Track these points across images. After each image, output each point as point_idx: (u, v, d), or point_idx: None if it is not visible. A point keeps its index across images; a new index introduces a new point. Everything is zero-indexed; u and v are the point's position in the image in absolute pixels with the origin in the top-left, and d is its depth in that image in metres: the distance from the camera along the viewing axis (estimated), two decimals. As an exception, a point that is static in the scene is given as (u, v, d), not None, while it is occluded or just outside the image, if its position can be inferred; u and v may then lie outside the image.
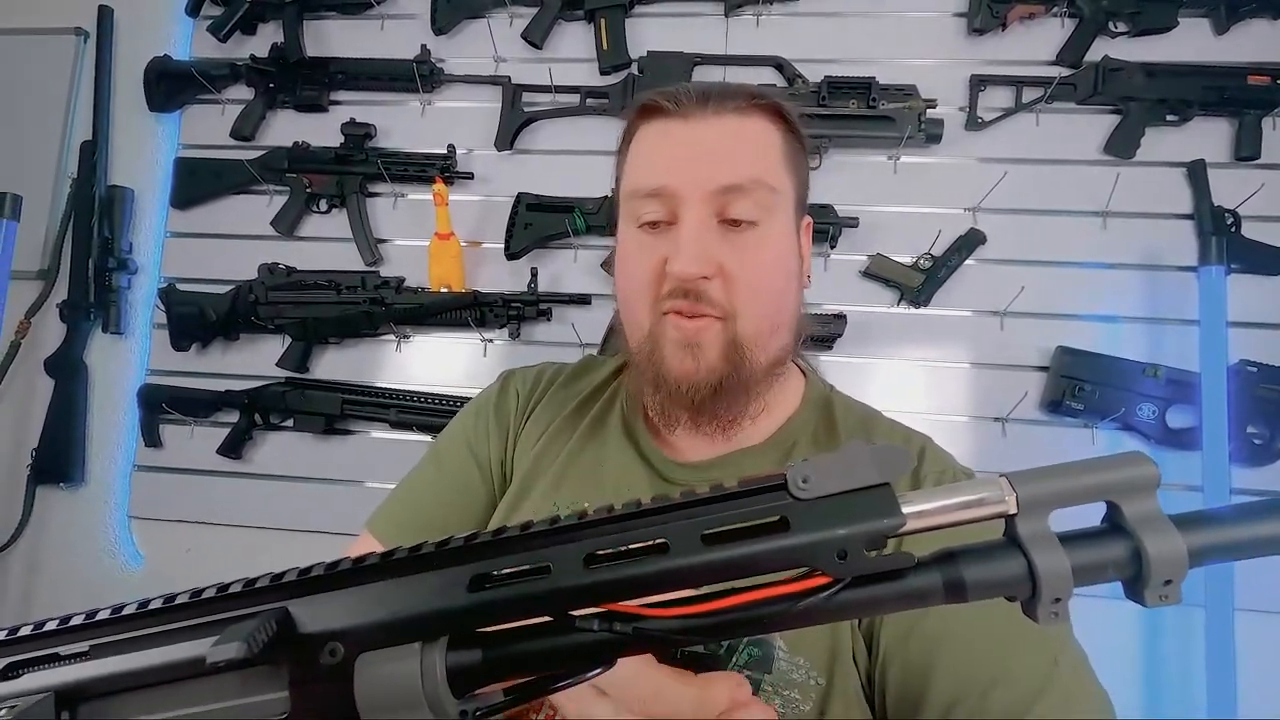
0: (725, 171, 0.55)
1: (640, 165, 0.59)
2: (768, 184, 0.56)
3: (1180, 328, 1.20)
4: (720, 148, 0.56)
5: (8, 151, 1.50)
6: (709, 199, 0.55)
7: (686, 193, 0.55)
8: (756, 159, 0.57)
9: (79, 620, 0.26)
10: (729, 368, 0.55)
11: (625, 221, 0.60)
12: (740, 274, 0.54)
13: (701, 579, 0.24)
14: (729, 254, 0.54)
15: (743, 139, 0.57)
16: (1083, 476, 0.24)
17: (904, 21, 1.33)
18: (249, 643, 0.21)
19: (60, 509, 1.44)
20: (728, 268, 0.54)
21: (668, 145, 0.57)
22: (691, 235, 0.54)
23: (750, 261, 0.55)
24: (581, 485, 0.62)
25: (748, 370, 0.56)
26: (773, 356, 0.58)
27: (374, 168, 1.36)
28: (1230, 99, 1.21)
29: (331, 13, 1.45)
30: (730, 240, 0.55)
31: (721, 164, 0.55)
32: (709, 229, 0.55)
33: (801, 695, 0.49)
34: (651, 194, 0.56)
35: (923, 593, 0.24)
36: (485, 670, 0.24)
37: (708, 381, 0.55)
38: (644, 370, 0.58)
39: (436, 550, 0.25)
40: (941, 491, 0.24)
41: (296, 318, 1.35)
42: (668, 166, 0.56)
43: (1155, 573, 0.23)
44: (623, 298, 0.61)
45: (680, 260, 0.53)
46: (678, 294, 0.55)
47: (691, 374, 0.55)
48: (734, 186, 0.54)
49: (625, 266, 0.60)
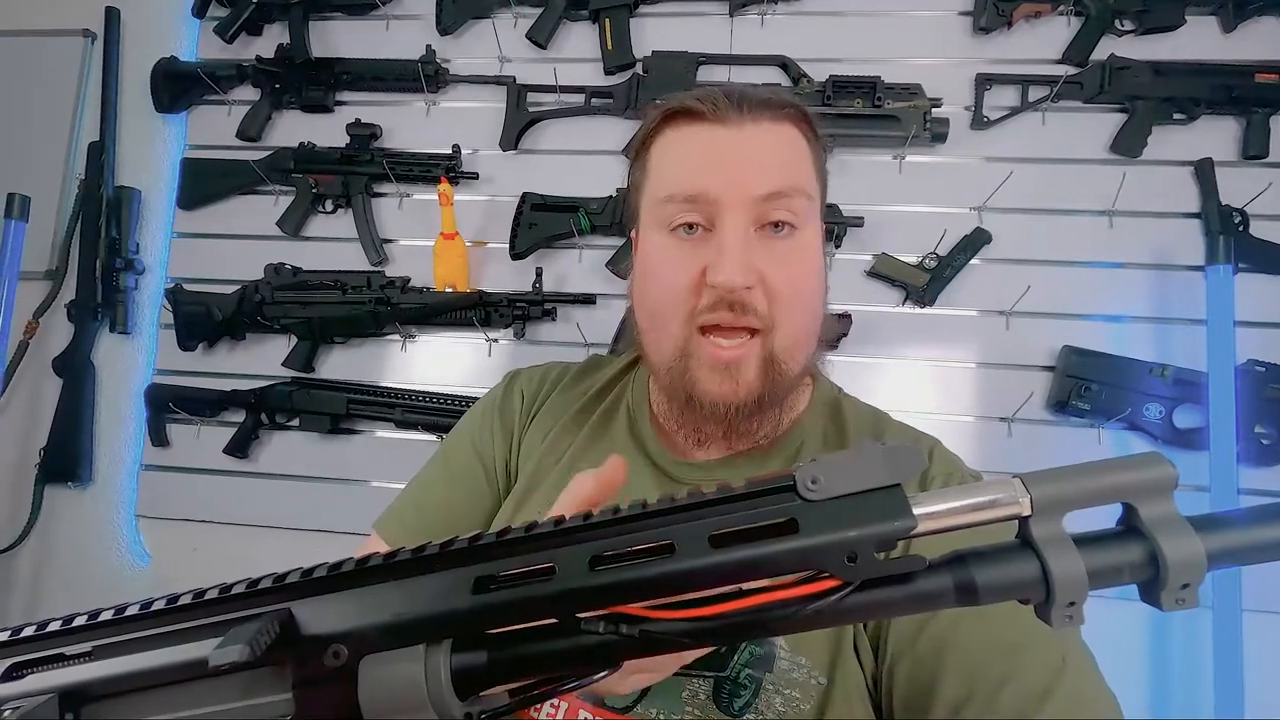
0: (768, 178, 0.54)
1: (675, 169, 0.57)
2: (806, 191, 0.55)
3: (1187, 327, 1.20)
4: (761, 154, 0.55)
5: (16, 152, 1.51)
6: (750, 205, 0.53)
7: (728, 199, 0.53)
8: (795, 166, 0.56)
9: (82, 621, 0.26)
10: (766, 385, 0.54)
11: (653, 227, 0.57)
12: (780, 284, 0.53)
13: (708, 581, 0.23)
14: (769, 263, 0.53)
15: (781, 146, 0.56)
16: (1098, 477, 0.23)
17: (909, 20, 1.32)
18: (252, 645, 0.21)
19: (68, 508, 1.45)
20: (768, 277, 0.53)
21: (706, 149, 0.56)
22: (736, 244, 0.52)
23: (789, 271, 0.54)
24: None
25: (783, 384, 0.55)
26: (802, 366, 0.57)
27: (379, 168, 1.36)
28: (1238, 97, 1.20)
29: (337, 13, 1.45)
30: (769, 249, 0.54)
31: (764, 170, 0.54)
32: (750, 238, 0.53)
33: (802, 695, 0.49)
34: (689, 199, 0.54)
35: (934, 596, 0.23)
36: (490, 672, 0.24)
37: (746, 402, 0.54)
38: (674, 389, 0.56)
39: (440, 551, 0.25)
40: (954, 493, 0.23)
41: (302, 317, 1.35)
42: (708, 171, 0.55)
43: (1173, 576, 0.22)
44: (650, 308, 0.58)
45: (725, 270, 0.51)
46: (720, 306, 0.53)
47: (730, 395, 0.54)
48: (776, 193, 0.53)
49: (657, 274, 0.57)
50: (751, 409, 0.54)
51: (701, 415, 0.55)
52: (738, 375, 0.53)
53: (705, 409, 0.55)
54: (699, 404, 0.55)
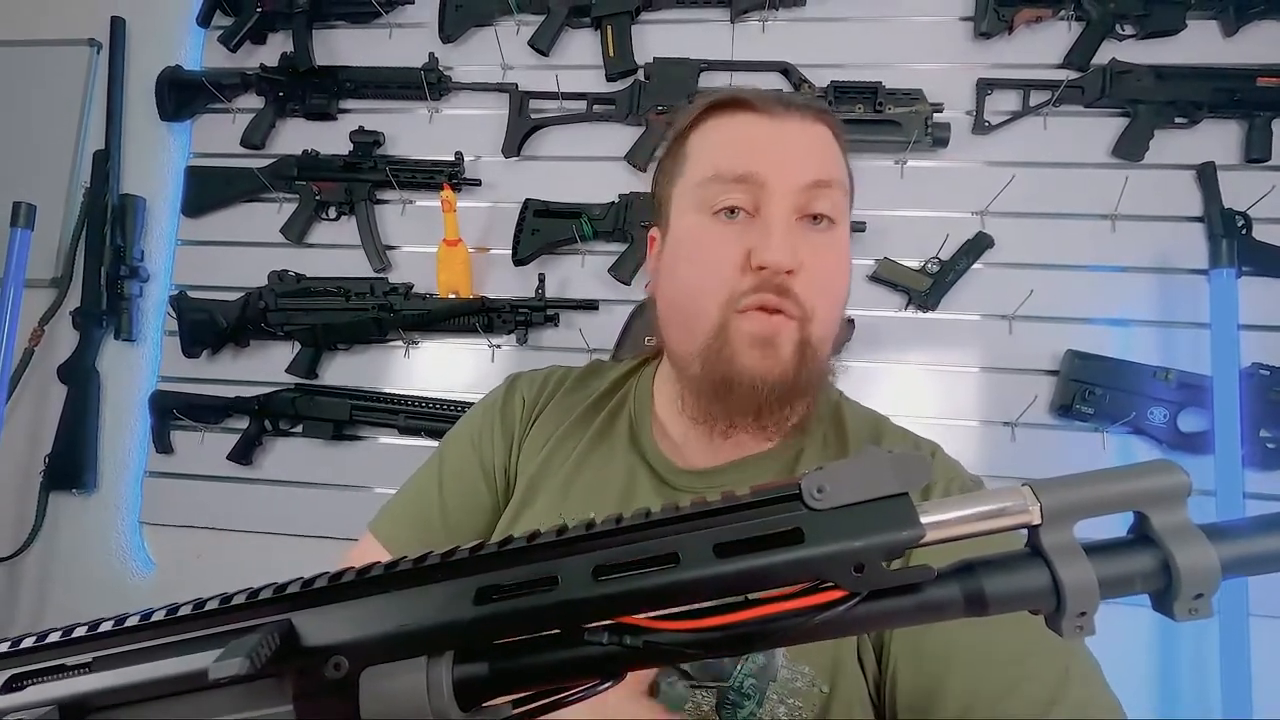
0: (814, 167, 0.55)
1: (723, 151, 0.57)
2: (844, 185, 0.57)
3: (1191, 331, 1.19)
4: (807, 145, 0.57)
5: (22, 161, 1.52)
6: (797, 193, 0.54)
7: (776, 183, 0.54)
8: (835, 160, 0.58)
9: (82, 632, 0.26)
10: (800, 369, 0.54)
11: (691, 211, 0.57)
12: (818, 272, 0.54)
13: (713, 591, 0.23)
14: (810, 251, 0.54)
15: (824, 140, 0.58)
16: (1109, 485, 0.23)
17: (910, 26, 1.32)
18: (252, 658, 0.21)
19: (73, 514, 1.45)
20: (808, 265, 0.54)
21: (756, 135, 0.57)
22: (782, 225, 0.53)
23: (827, 260, 0.55)
24: (587, 492, 0.62)
25: (815, 372, 0.55)
26: (827, 360, 0.58)
27: (382, 175, 1.37)
28: (1240, 101, 1.20)
29: (340, 22, 1.46)
30: (810, 238, 0.55)
31: (809, 159, 0.56)
32: (794, 223, 0.55)
33: (804, 703, 0.49)
34: (739, 179, 0.55)
35: (942, 606, 0.23)
36: (492, 683, 0.24)
37: (782, 381, 0.53)
38: (710, 370, 0.55)
39: (442, 562, 0.24)
40: (962, 501, 0.23)
41: (306, 324, 1.35)
42: (757, 153, 0.55)
43: (1186, 586, 0.22)
44: (686, 290, 0.57)
45: (773, 251, 0.52)
46: (765, 288, 0.53)
47: (768, 371, 0.53)
48: (821, 182, 0.55)
49: (695, 256, 0.56)
50: (785, 390, 0.54)
51: (737, 396, 0.54)
52: (777, 350, 0.53)
53: (743, 386, 0.54)
54: (736, 383, 0.54)
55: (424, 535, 0.65)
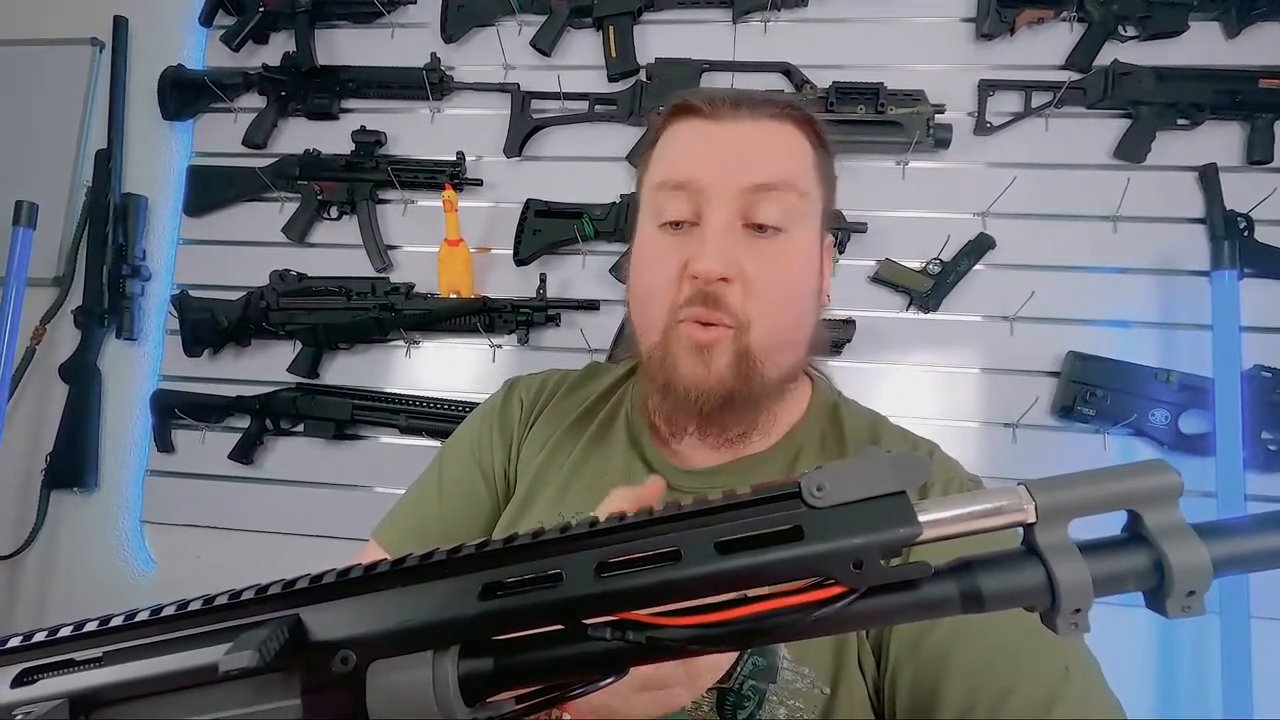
0: (755, 170, 0.54)
1: (668, 158, 0.58)
2: (798, 187, 0.55)
3: (1192, 332, 1.19)
4: (751, 148, 0.55)
5: (24, 160, 1.52)
6: (736, 198, 0.53)
7: (714, 189, 0.54)
8: (787, 161, 0.56)
9: (93, 626, 0.26)
10: (739, 380, 0.54)
11: (646, 219, 0.58)
12: (760, 280, 0.53)
13: (714, 588, 0.23)
14: (751, 258, 0.53)
15: (775, 141, 0.56)
16: (1103, 485, 0.23)
17: (912, 27, 1.33)
18: (261, 651, 0.21)
19: (74, 513, 1.45)
20: (749, 272, 0.53)
21: (698, 141, 0.56)
22: (717, 233, 0.53)
23: (772, 268, 0.54)
24: (587, 493, 0.62)
25: (758, 384, 0.54)
26: (784, 371, 0.57)
27: (384, 175, 1.37)
28: (1242, 102, 1.20)
29: (343, 22, 1.47)
30: (754, 245, 0.54)
31: (752, 163, 0.54)
32: (733, 231, 0.54)
33: (806, 705, 0.49)
34: (678, 186, 0.55)
35: (939, 603, 0.23)
36: (497, 678, 0.24)
37: (717, 391, 0.54)
38: (654, 375, 0.57)
39: (448, 558, 0.25)
40: (959, 500, 0.23)
41: (307, 324, 1.36)
42: (697, 161, 0.55)
43: (1178, 583, 0.22)
44: (637, 299, 0.59)
45: (703, 258, 0.52)
46: (695, 300, 0.53)
47: (702, 380, 0.54)
48: (763, 185, 0.53)
49: (643, 266, 0.58)
50: (722, 400, 0.54)
51: (676, 402, 0.56)
52: (710, 360, 0.54)
53: (679, 394, 0.55)
54: (674, 388, 0.55)
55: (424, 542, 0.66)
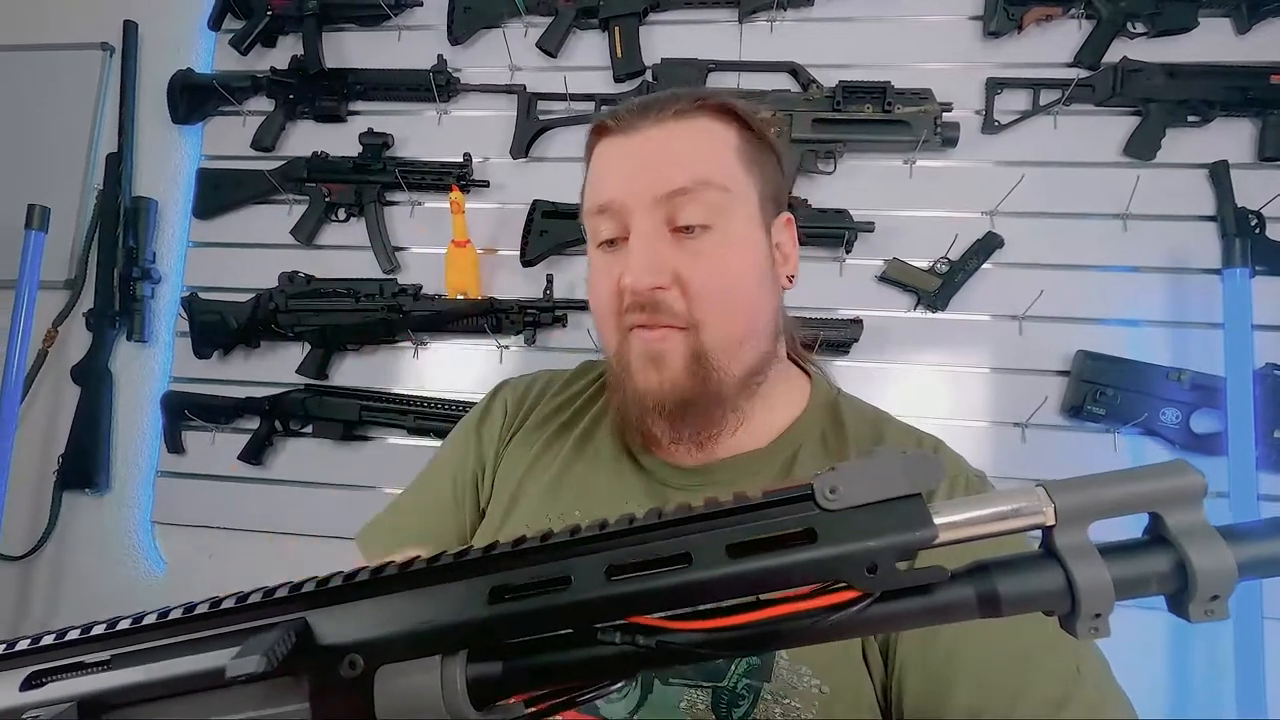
0: (665, 178, 0.54)
1: (590, 184, 0.59)
2: (715, 183, 0.54)
3: (1204, 331, 1.18)
4: (659, 154, 0.55)
5: (36, 164, 1.54)
6: (654, 207, 0.54)
7: (631, 204, 0.54)
8: (700, 159, 0.55)
9: (101, 630, 0.26)
10: (694, 381, 0.54)
11: (589, 243, 0.60)
12: (698, 281, 0.53)
13: (725, 591, 0.23)
14: (684, 261, 0.53)
15: (683, 142, 0.56)
16: (1124, 486, 0.23)
17: (919, 25, 1.32)
18: (268, 656, 0.21)
19: (86, 514, 1.46)
20: (684, 276, 0.53)
21: (612, 159, 0.57)
22: (640, 247, 0.54)
23: (708, 267, 0.54)
24: (577, 491, 0.62)
25: (716, 382, 0.54)
26: (748, 366, 0.56)
27: (391, 177, 1.37)
28: (1253, 99, 1.18)
29: (350, 25, 1.47)
30: (685, 247, 0.54)
31: (660, 170, 0.54)
32: (660, 239, 0.54)
33: (803, 704, 0.48)
34: (600, 210, 0.56)
35: (955, 607, 0.23)
36: (505, 682, 0.24)
37: (672, 396, 0.54)
38: (617, 387, 0.58)
39: (455, 561, 0.25)
40: (975, 502, 0.23)
41: (316, 325, 1.36)
42: (612, 181, 0.56)
43: (1201, 587, 0.22)
44: (595, 319, 0.62)
45: (631, 273, 0.53)
46: (634, 308, 0.54)
47: (656, 388, 0.54)
48: (677, 190, 0.53)
49: (591, 288, 0.60)
50: (680, 405, 0.54)
51: (640, 410, 0.56)
52: (663, 367, 0.54)
53: (639, 403, 0.56)
54: (636, 401, 0.56)
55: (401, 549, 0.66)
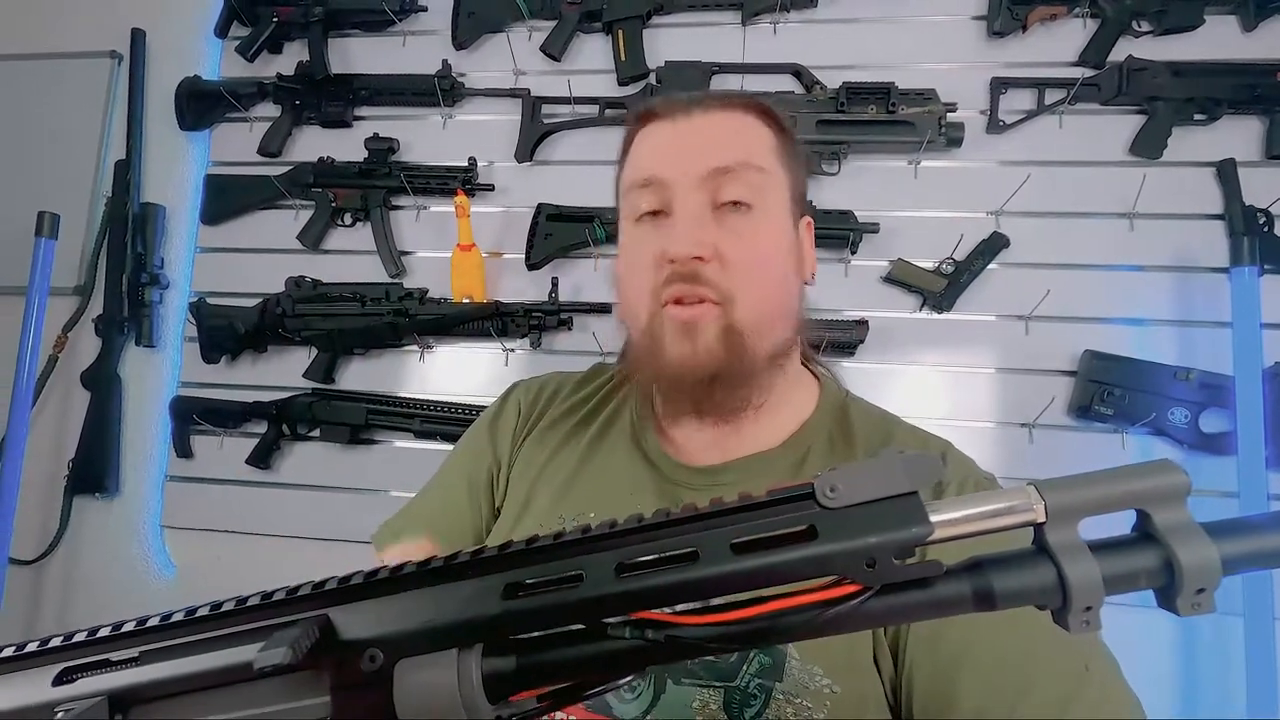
0: (712, 155, 0.57)
1: (633, 162, 0.61)
2: (756, 164, 0.57)
3: (1212, 330, 1.18)
4: (706, 137, 0.58)
5: (46, 171, 1.55)
6: (700, 184, 0.56)
7: (677, 179, 0.57)
8: (742, 144, 0.59)
9: (130, 627, 0.27)
10: (728, 354, 0.55)
11: (624, 221, 0.62)
12: (736, 256, 0.55)
13: (731, 587, 0.24)
14: (724, 237, 0.55)
15: (728, 129, 0.59)
16: (1112, 485, 0.24)
17: (922, 26, 1.32)
18: (293, 649, 0.22)
19: (96, 519, 1.48)
20: (723, 250, 0.55)
21: (660, 140, 0.60)
22: (685, 217, 0.56)
23: (746, 243, 0.56)
24: (588, 494, 0.62)
25: (749, 358, 0.56)
26: (774, 345, 0.58)
27: (397, 181, 1.39)
28: (1260, 96, 1.18)
29: (355, 31, 1.48)
30: (725, 224, 0.56)
31: (708, 149, 0.57)
32: (703, 214, 0.56)
33: (815, 703, 0.49)
34: (644, 184, 0.58)
35: (951, 601, 0.24)
36: (519, 677, 0.25)
37: (707, 367, 0.55)
38: (645, 364, 0.59)
39: (471, 559, 0.25)
40: (970, 500, 0.24)
41: (323, 329, 1.37)
42: (659, 158, 0.59)
43: (1188, 581, 0.22)
44: (622, 292, 0.62)
45: (676, 242, 0.55)
46: (675, 279, 0.55)
47: (690, 358, 0.55)
48: (723, 169, 0.56)
49: (625, 261, 0.61)
50: (712, 377, 0.55)
51: (669, 385, 0.58)
52: (697, 337, 0.55)
53: (669, 376, 0.57)
54: (664, 372, 0.57)
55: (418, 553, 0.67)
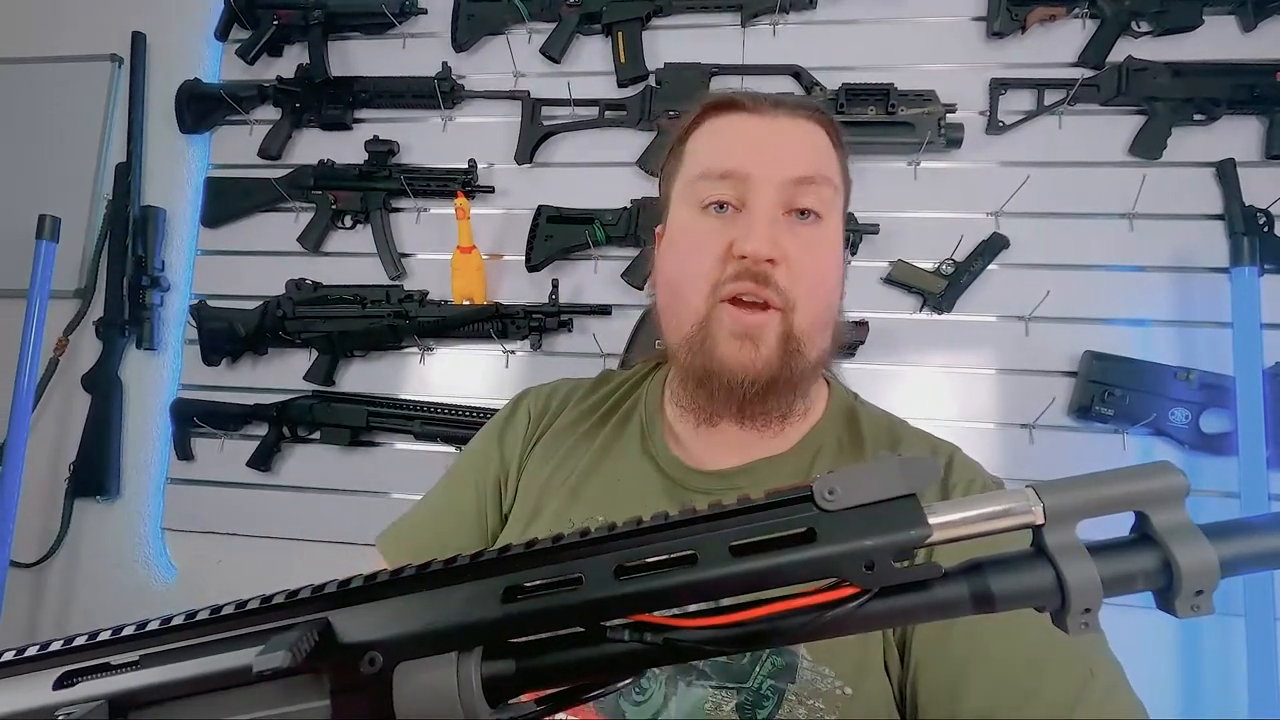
0: (799, 163, 0.56)
1: (712, 149, 0.60)
2: (833, 181, 0.58)
3: (1212, 330, 1.18)
4: (793, 142, 0.58)
5: (47, 174, 1.56)
6: (781, 187, 0.56)
7: (760, 177, 0.56)
8: (821, 157, 0.59)
9: (130, 631, 0.27)
10: (784, 362, 0.55)
11: (684, 206, 0.60)
12: (804, 264, 0.55)
13: (730, 590, 0.24)
14: (794, 245, 0.55)
15: (812, 138, 0.59)
16: (1110, 486, 0.24)
17: (922, 27, 1.32)
18: (293, 652, 0.22)
19: (97, 521, 1.48)
20: (792, 256, 0.55)
21: (743, 133, 0.59)
22: (765, 217, 0.55)
23: (813, 254, 0.56)
24: (597, 498, 0.62)
25: (801, 365, 0.56)
26: (820, 354, 0.58)
27: (397, 183, 1.39)
28: (1259, 97, 1.18)
29: (355, 33, 1.49)
30: (796, 231, 0.56)
31: (796, 156, 0.57)
32: (778, 218, 0.56)
33: (827, 705, 0.49)
34: (724, 175, 0.57)
35: (950, 603, 0.24)
36: (518, 680, 0.25)
37: (764, 374, 0.54)
38: (692, 361, 0.57)
39: (471, 562, 0.25)
40: (968, 502, 0.24)
41: (323, 332, 1.37)
42: (743, 151, 0.58)
43: (1186, 583, 0.22)
44: (674, 281, 0.60)
45: (752, 240, 0.54)
46: (745, 277, 0.54)
47: (749, 365, 0.54)
48: (805, 178, 0.56)
49: (683, 247, 0.59)
50: (767, 384, 0.55)
51: (717, 388, 0.56)
52: (758, 343, 0.54)
53: (723, 379, 0.55)
54: (716, 375, 0.55)
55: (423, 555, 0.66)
